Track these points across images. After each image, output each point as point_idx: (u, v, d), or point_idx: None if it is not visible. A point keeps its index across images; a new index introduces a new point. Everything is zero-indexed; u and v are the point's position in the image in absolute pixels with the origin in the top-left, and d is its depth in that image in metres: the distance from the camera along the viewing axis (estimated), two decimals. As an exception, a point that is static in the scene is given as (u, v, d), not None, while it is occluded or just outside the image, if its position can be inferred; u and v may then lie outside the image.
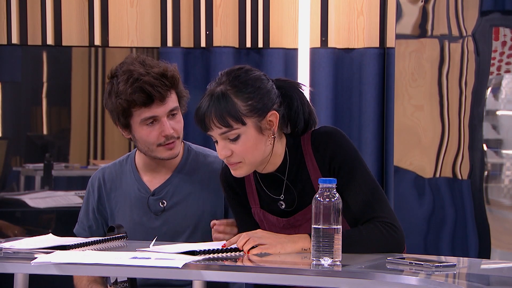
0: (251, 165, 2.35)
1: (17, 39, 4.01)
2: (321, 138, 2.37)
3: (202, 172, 2.74)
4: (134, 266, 2.06)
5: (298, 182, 2.40)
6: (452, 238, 4.14)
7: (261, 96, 2.32)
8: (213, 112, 2.29)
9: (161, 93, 2.58)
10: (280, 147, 2.40)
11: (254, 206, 2.48)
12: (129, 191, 2.77)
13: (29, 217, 4.11)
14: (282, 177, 2.41)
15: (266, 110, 2.32)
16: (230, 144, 2.31)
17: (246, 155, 2.32)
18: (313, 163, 2.37)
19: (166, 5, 4.06)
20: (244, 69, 2.36)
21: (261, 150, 2.34)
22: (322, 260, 2.04)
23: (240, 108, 2.29)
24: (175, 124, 2.66)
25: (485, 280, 2.03)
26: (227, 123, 2.28)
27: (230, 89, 2.30)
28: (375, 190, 2.34)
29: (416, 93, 4.17)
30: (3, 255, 2.21)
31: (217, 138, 2.33)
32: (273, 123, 2.34)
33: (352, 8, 4.06)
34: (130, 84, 2.58)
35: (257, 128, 2.31)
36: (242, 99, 2.29)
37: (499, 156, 4.17)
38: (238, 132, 2.30)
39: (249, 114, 2.29)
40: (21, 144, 4.17)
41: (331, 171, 2.35)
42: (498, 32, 4.16)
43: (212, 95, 2.30)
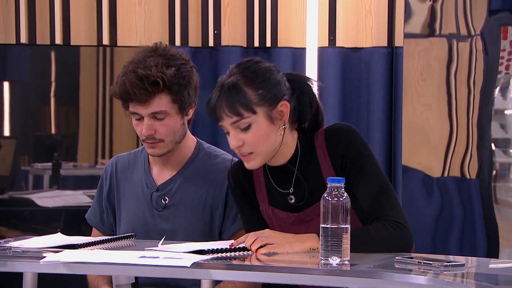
0: (263, 155, 2.35)
1: (25, 39, 4.02)
2: (335, 134, 2.38)
3: (207, 172, 2.74)
4: (143, 265, 2.06)
5: (308, 176, 2.40)
6: (461, 237, 4.14)
7: (272, 86, 2.33)
8: (224, 101, 2.30)
9: (137, 95, 2.57)
10: (291, 139, 2.40)
11: (262, 203, 2.48)
12: (137, 184, 2.78)
13: (37, 216, 4.11)
14: (293, 168, 2.41)
15: (277, 100, 2.33)
16: (241, 134, 2.32)
17: (258, 145, 2.32)
18: (326, 158, 2.38)
19: (174, 5, 4.07)
20: (254, 61, 2.38)
21: (272, 140, 2.34)
22: (330, 260, 2.04)
23: (250, 97, 2.30)
24: (160, 127, 2.63)
25: (493, 279, 2.02)
26: (238, 112, 2.29)
27: (240, 79, 2.32)
28: (386, 188, 2.34)
29: (424, 92, 4.16)
30: (12, 254, 2.21)
31: (228, 128, 2.33)
32: (284, 113, 2.35)
33: (360, 7, 4.06)
34: (121, 76, 2.61)
35: (268, 117, 2.32)
36: (252, 88, 2.31)
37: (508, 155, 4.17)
38: (249, 121, 2.31)
39: (260, 103, 2.31)
40: (30, 143, 4.17)
41: (343, 166, 2.35)
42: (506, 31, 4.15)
43: (223, 86, 2.32)
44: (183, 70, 2.64)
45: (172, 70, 2.60)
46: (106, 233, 2.82)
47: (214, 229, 2.69)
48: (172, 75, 2.59)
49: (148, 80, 2.56)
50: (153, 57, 2.61)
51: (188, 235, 2.68)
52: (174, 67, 2.61)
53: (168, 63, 2.61)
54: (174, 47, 2.71)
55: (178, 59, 2.65)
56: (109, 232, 2.83)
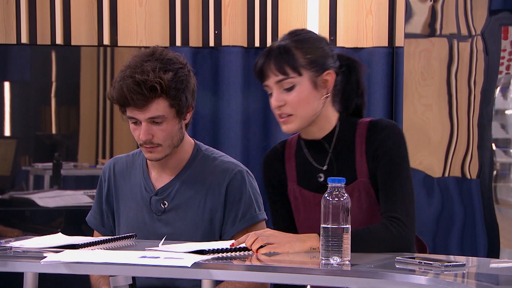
0: (301, 119, 2.38)
1: (26, 39, 4.02)
2: (378, 129, 2.40)
3: (206, 175, 2.73)
4: (143, 265, 2.06)
5: (341, 158, 2.42)
6: (461, 237, 4.14)
7: (321, 54, 2.39)
8: (272, 60, 2.36)
9: (135, 100, 2.56)
10: (331, 114, 2.44)
11: (291, 183, 2.50)
12: (136, 187, 2.77)
13: (38, 216, 4.11)
14: (327, 146, 2.43)
15: (324, 68, 2.38)
16: (284, 94, 2.36)
17: (298, 107, 2.36)
18: (362, 149, 2.39)
19: (174, 5, 4.07)
20: (306, 30, 2.45)
21: (313, 105, 2.38)
22: (331, 260, 2.04)
23: (298, 59, 2.36)
24: (157, 131, 2.62)
25: (494, 279, 2.02)
26: (284, 71, 2.35)
27: (291, 43, 2.38)
28: (405, 190, 2.34)
29: (425, 92, 4.16)
30: (13, 254, 2.21)
31: (272, 87, 2.38)
32: (328, 82, 2.39)
33: (361, 7, 4.06)
34: (118, 81, 2.60)
35: (312, 82, 2.37)
36: (302, 52, 2.37)
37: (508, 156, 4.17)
38: (293, 82, 2.35)
39: (307, 67, 2.36)
40: (30, 143, 4.17)
41: (375, 157, 2.37)
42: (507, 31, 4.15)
43: (273, 48, 2.39)
44: (181, 74, 2.63)
45: (169, 75, 2.59)
46: (107, 235, 2.82)
47: (214, 232, 2.68)
48: (169, 80, 2.58)
49: (146, 85, 2.55)
50: (150, 62, 2.60)
51: (188, 239, 2.67)
52: (171, 72, 2.60)
53: (166, 67, 2.60)
54: (171, 51, 2.70)
55: (175, 63, 2.64)
56: (109, 234, 2.82)
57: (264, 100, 4.09)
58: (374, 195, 2.37)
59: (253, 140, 4.07)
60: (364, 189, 2.37)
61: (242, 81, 4.04)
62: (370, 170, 2.37)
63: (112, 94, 2.62)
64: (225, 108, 4.03)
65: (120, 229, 2.78)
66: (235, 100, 4.02)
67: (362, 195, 2.37)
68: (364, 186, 2.37)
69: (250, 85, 4.07)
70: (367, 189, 2.37)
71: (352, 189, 2.37)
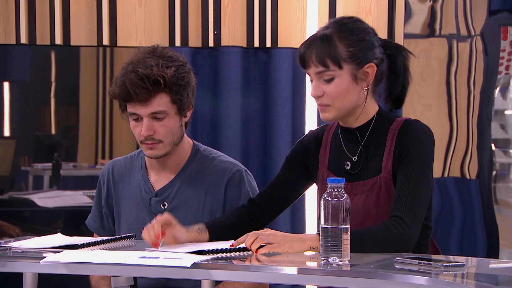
0: (339, 110, 2.39)
1: (25, 39, 4.02)
2: (411, 128, 2.40)
3: (205, 175, 2.73)
4: (143, 266, 2.06)
5: (372, 150, 2.43)
6: (461, 237, 4.14)
7: (364, 46, 2.38)
8: (314, 50, 2.36)
9: (138, 94, 2.57)
10: (371, 107, 2.45)
11: (322, 167, 2.51)
12: (135, 189, 2.77)
13: (37, 216, 4.11)
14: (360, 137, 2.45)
15: (366, 61, 2.38)
16: (323, 85, 2.37)
17: (336, 99, 2.37)
18: (392, 144, 2.40)
19: (174, 5, 4.07)
20: (354, 19, 2.44)
21: (351, 98, 2.39)
22: (330, 260, 2.04)
23: (340, 52, 2.35)
24: (159, 127, 2.62)
25: (493, 280, 2.02)
26: (324, 63, 2.35)
27: (335, 33, 2.37)
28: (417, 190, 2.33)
29: (424, 92, 4.16)
30: (12, 254, 2.21)
31: (312, 76, 2.39)
32: (369, 75, 2.39)
33: (361, 8, 4.06)
34: (120, 76, 2.61)
35: (352, 75, 2.37)
36: (344, 44, 2.36)
37: (508, 156, 4.17)
38: (333, 74, 2.36)
39: (348, 60, 2.36)
40: (30, 143, 4.17)
41: (400, 156, 2.38)
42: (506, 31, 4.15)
43: (317, 36, 2.38)
44: (182, 71, 2.64)
45: (172, 70, 2.60)
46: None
47: None
48: (172, 75, 2.59)
49: (149, 79, 2.57)
50: (152, 58, 2.61)
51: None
52: (173, 67, 2.61)
53: (167, 64, 2.61)
54: (171, 49, 2.71)
55: (176, 60, 2.65)
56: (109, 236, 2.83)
57: (263, 100, 4.09)
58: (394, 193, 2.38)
59: (252, 140, 4.07)
60: (385, 185, 2.38)
61: (241, 81, 4.04)
62: (394, 167, 2.38)
63: (114, 90, 2.62)
64: (224, 108, 4.03)
65: (120, 231, 2.78)
66: (234, 100, 4.02)
67: (382, 190, 2.38)
68: (385, 181, 2.38)
69: (249, 85, 4.07)
70: (388, 185, 2.38)
71: (373, 183, 2.39)
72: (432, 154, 2.39)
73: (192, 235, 2.39)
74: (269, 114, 4.07)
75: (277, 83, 4.01)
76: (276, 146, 4.00)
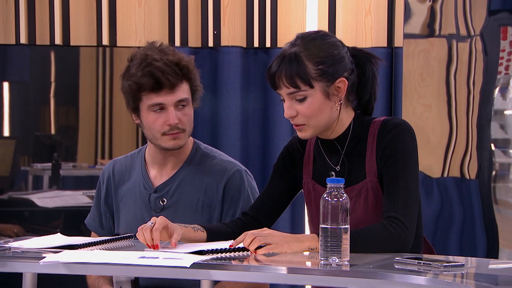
0: (315, 128, 2.38)
1: (25, 39, 4.02)
2: (390, 126, 2.39)
3: (204, 173, 2.74)
4: (142, 266, 2.06)
5: (354, 157, 2.42)
6: (460, 238, 4.14)
7: (333, 62, 2.36)
8: (283, 71, 2.33)
9: (171, 80, 2.59)
10: (345, 116, 2.43)
11: (306, 176, 2.51)
12: (135, 186, 2.78)
13: (37, 216, 4.11)
14: (339, 147, 2.44)
15: (336, 76, 2.36)
16: (296, 105, 2.36)
17: (311, 117, 2.36)
18: (373, 146, 2.39)
19: (174, 5, 4.07)
20: (321, 34, 2.41)
21: (326, 115, 2.37)
22: (330, 260, 2.04)
23: (310, 71, 2.33)
24: (182, 116, 2.65)
25: (493, 280, 2.02)
26: (295, 84, 2.33)
27: (303, 52, 2.34)
28: (407, 188, 2.33)
29: (424, 92, 4.16)
30: (12, 255, 2.21)
31: (284, 97, 2.37)
32: (341, 89, 2.37)
33: (360, 8, 4.06)
34: (142, 67, 2.60)
35: (324, 92, 2.35)
36: (313, 62, 2.34)
37: (507, 156, 4.17)
38: (305, 94, 2.34)
39: (318, 78, 2.34)
40: (29, 143, 4.17)
41: (383, 157, 2.37)
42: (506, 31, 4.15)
43: (285, 55, 2.35)
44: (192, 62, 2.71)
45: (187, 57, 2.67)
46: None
47: None
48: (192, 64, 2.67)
49: (178, 65, 2.62)
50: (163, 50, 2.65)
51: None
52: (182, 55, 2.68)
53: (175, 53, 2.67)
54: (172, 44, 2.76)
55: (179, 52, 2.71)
56: (109, 236, 2.83)
57: (263, 100, 4.09)
58: (382, 195, 2.37)
59: (252, 140, 4.07)
60: (372, 189, 2.37)
61: (241, 81, 4.05)
62: (379, 169, 2.38)
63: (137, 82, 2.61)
64: (224, 108, 4.03)
65: (119, 227, 2.79)
66: (234, 100, 4.02)
67: (369, 194, 2.37)
68: (372, 185, 2.37)
69: (249, 85, 4.07)
70: (375, 189, 2.37)
71: (360, 188, 2.38)
72: (415, 148, 2.38)
73: (188, 230, 2.38)
74: (269, 114, 4.07)
75: (277, 83, 4.01)
76: (276, 146, 4.00)
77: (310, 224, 2.56)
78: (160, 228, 2.28)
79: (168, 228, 2.31)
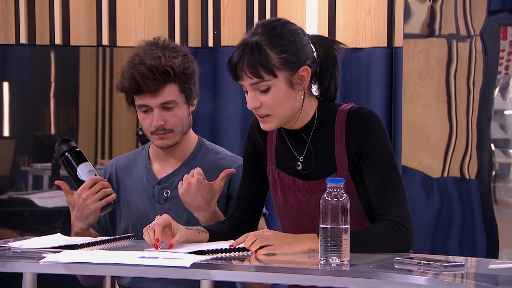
0: (280, 119, 2.34)
1: (25, 39, 4.02)
2: (358, 119, 2.35)
3: (209, 167, 2.75)
4: (142, 266, 2.07)
5: (320, 147, 2.39)
6: (460, 238, 4.14)
7: (296, 50, 2.31)
8: (245, 62, 2.29)
9: (149, 86, 2.62)
10: (308, 105, 2.39)
11: (270, 165, 2.49)
12: (138, 180, 2.80)
13: (37, 216, 4.11)
14: (305, 136, 2.40)
15: (299, 64, 2.31)
16: (259, 96, 2.32)
17: (275, 108, 2.32)
18: (342, 138, 2.35)
19: (173, 5, 4.07)
20: (281, 22, 2.35)
21: (291, 104, 2.33)
22: (330, 260, 2.04)
23: (273, 60, 2.28)
24: (169, 117, 2.67)
25: (493, 280, 2.02)
26: (258, 74, 2.28)
27: (264, 41, 2.29)
28: (396, 186, 2.31)
29: (424, 92, 4.16)
30: (12, 255, 2.21)
31: (247, 88, 2.33)
32: (304, 78, 2.33)
33: (360, 8, 4.06)
34: (128, 69, 2.65)
35: (288, 82, 2.31)
36: (276, 51, 2.29)
37: (507, 156, 4.17)
38: (268, 84, 2.30)
39: (282, 67, 2.29)
40: (29, 143, 4.17)
41: (358, 154, 2.33)
42: (506, 31, 4.15)
43: (246, 45, 2.30)
44: (187, 60, 2.71)
45: (179, 60, 2.67)
46: (102, 232, 2.84)
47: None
48: (179, 65, 2.66)
49: (158, 70, 2.62)
50: (158, 49, 2.68)
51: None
52: (180, 57, 2.68)
53: (173, 54, 2.68)
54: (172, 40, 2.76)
55: (180, 50, 2.72)
56: (104, 231, 2.85)
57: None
58: (354, 189, 2.35)
59: (252, 141, 4.07)
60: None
61: (241, 81, 4.04)
62: (351, 163, 2.34)
63: (122, 84, 2.66)
64: (224, 108, 4.03)
65: (121, 221, 2.80)
66: (234, 100, 4.02)
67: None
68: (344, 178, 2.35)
69: (249, 86, 4.07)
70: (347, 182, 2.29)
71: None
72: (388, 140, 2.34)
73: (192, 233, 2.38)
74: (269, 114, 4.07)
75: (277, 83, 4.01)
76: (276, 146, 4.00)
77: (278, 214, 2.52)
78: (162, 224, 2.28)
79: (172, 227, 2.31)
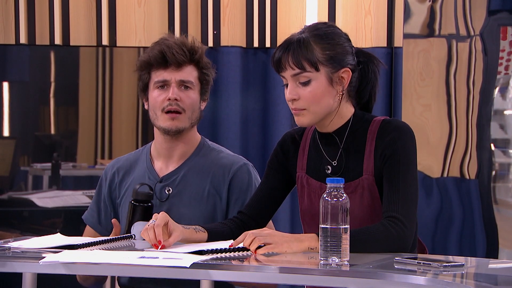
0: (314, 114, 2.37)
1: (25, 39, 4.02)
2: (390, 127, 2.39)
3: (211, 165, 2.76)
4: (142, 266, 2.07)
5: (351, 152, 2.42)
6: (460, 237, 4.14)
7: (340, 51, 2.38)
8: (290, 52, 2.35)
9: (175, 56, 2.68)
10: (345, 110, 2.43)
11: (300, 171, 2.50)
12: (140, 178, 2.80)
13: (37, 216, 4.11)
14: (338, 140, 2.44)
15: (342, 64, 2.37)
16: (299, 88, 2.36)
17: (312, 102, 2.36)
18: (372, 145, 2.39)
19: (173, 5, 4.07)
20: (328, 24, 2.45)
21: (327, 102, 2.37)
22: (329, 260, 2.04)
23: (317, 54, 2.34)
24: (185, 97, 2.71)
25: (493, 280, 2.02)
26: (301, 65, 2.33)
27: (311, 37, 2.36)
28: (408, 191, 2.33)
29: (424, 92, 4.16)
30: (12, 255, 2.21)
31: (288, 79, 2.37)
32: (344, 79, 2.38)
33: (360, 8, 4.06)
34: (154, 45, 2.75)
35: (328, 78, 2.36)
36: (321, 47, 2.35)
37: (507, 156, 4.17)
38: (309, 76, 2.34)
39: (325, 63, 2.35)
40: (29, 143, 4.17)
41: (382, 157, 2.36)
42: (506, 31, 4.15)
43: (292, 41, 2.37)
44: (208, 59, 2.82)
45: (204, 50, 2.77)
46: (102, 233, 2.84)
47: (216, 219, 2.71)
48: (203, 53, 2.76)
49: (187, 46, 2.72)
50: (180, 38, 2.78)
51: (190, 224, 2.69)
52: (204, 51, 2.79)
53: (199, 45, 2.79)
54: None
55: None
56: (105, 232, 2.84)
57: (263, 100, 4.09)
58: (378, 194, 2.37)
59: (251, 140, 4.07)
60: (368, 187, 2.37)
61: (240, 81, 4.05)
62: (376, 168, 2.37)
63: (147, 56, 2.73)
64: (224, 108, 4.03)
65: (122, 220, 2.80)
66: (234, 100, 4.02)
67: (365, 192, 2.37)
68: (368, 183, 2.37)
69: (249, 85, 4.07)
70: (371, 187, 2.36)
71: (356, 185, 2.38)
72: (414, 150, 2.38)
73: (190, 232, 2.38)
74: (269, 114, 4.07)
75: (277, 83, 4.01)
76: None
77: (303, 221, 2.54)
78: (161, 224, 2.29)
79: (168, 226, 2.31)
